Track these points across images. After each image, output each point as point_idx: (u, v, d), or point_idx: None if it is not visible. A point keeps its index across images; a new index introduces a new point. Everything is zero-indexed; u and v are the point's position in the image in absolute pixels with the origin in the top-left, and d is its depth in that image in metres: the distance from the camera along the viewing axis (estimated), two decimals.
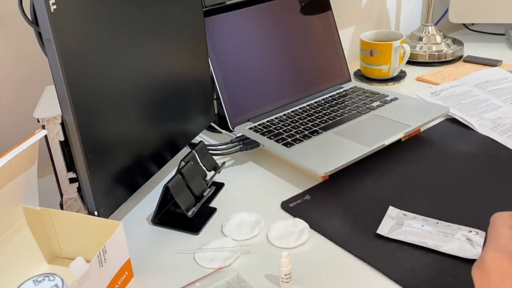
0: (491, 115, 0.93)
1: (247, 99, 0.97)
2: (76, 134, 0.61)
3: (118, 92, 0.68)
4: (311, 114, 0.97)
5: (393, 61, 1.17)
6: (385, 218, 0.70)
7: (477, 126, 0.90)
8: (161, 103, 0.77)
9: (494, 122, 0.90)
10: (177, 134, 0.83)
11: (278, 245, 0.68)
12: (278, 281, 0.62)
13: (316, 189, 0.79)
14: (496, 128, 0.89)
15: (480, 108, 0.96)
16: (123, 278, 0.62)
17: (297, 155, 0.83)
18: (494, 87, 1.02)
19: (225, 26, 0.95)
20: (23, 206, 0.64)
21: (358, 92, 1.06)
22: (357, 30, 1.41)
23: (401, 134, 0.87)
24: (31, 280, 0.48)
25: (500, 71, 1.09)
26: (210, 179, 0.80)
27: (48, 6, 0.54)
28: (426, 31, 1.34)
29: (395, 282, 0.60)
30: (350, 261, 0.65)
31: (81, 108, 0.61)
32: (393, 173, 0.82)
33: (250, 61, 0.98)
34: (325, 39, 1.09)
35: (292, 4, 1.04)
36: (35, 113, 0.68)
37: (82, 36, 0.60)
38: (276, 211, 0.75)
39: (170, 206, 0.77)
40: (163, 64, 0.77)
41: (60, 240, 0.67)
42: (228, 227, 0.71)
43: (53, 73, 0.58)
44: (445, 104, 1.00)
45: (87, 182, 0.64)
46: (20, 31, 0.86)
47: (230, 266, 0.65)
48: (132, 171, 0.73)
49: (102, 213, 0.66)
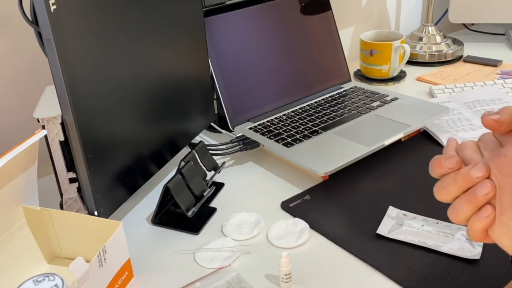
0: (467, 134, 0.90)
1: (247, 99, 0.97)
2: (76, 134, 0.61)
3: (118, 92, 0.68)
4: (311, 114, 0.97)
5: (393, 61, 1.17)
6: (385, 218, 0.70)
7: (446, 143, 0.88)
8: (161, 103, 0.77)
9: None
10: (177, 134, 0.83)
11: (278, 245, 0.68)
12: (278, 281, 0.62)
13: (316, 189, 0.79)
14: None
15: (458, 126, 0.93)
16: (123, 278, 0.62)
17: (297, 155, 0.83)
18: (483, 107, 1.00)
19: (225, 26, 0.95)
20: (23, 206, 0.64)
21: (358, 92, 1.06)
22: (357, 30, 1.41)
23: (401, 134, 0.87)
24: (31, 280, 0.48)
25: (497, 91, 1.07)
26: (210, 179, 0.80)
27: (48, 6, 0.54)
28: (426, 31, 1.34)
29: (395, 282, 0.60)
30: (350, 261, 0.65)
31: (81, 108, 0.61)
32: (393, 173, 0.82)
33: (250, 61, 0.98)
34: (325, 39, 1.09)
35: (292, 4, 1.04)
36: (35, 113, 0.68)
37: (82, 36, 0.60)
38: (276, 211, 0.75)
39: (170, 206, 0.77)
40: (163, 64, 0.77)
41: (60, 240, 0.67)
42: (228, 227, 0.71)
43: (53, 73, 0.58)
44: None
45: (87, 182, 0.64)
46: (20, 31, 0.86)
47: (230, 266, 0.65)
48: (132, 171, 0.73)
49: (102, 213, 0.66)
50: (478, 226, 0.43)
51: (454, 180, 0.44)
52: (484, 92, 1.07)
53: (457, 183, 0.44)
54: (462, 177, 0.44)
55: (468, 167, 0.44)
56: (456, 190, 0.45)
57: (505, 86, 1.10)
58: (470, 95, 1.06)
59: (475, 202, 0.43)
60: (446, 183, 0.45)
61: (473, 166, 0.44)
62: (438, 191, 0.46)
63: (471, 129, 0.93)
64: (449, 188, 0.45)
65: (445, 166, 0.45)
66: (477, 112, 0.98)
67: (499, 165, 0.43)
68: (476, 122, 0.95)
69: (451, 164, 0.45)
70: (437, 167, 0.46)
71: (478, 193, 0.43)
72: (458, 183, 0.44)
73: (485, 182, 0.43)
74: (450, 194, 0.45)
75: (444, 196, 0.46)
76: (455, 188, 0.44)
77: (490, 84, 1.12)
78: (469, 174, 0.43)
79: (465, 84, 1.13)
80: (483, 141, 0.47)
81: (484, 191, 0.43)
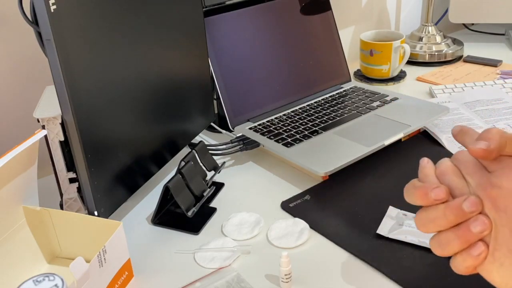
0: None
1: (247, 99, 0.97)
2: (76, 134, 0.61)
3: (118, 92, 0.68)
4: (311, 114, 0.97)
5: (393, 61, 1.17)
6: (385, 218, 0.70)
7: (446, 143, 0.89)
8: (161, 103, 0.77)
9: None
10: (177, 134, 0.83)
11: (278, 245, 0.68)
12: (278, 281, 0.62)
13: (316, 189, 0.79)
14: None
15: None
16: (123, 278, 0.62)
17: (297, 155, 0.83)
18: (483, 107, 1.00)
19: (225, 26, 0.95)
20: (23, 206, 0.64)
21: (358, 92, 1.06)
22: (357, 30, 1.41)
23: (401, 134, 0.87)
24: (31, 280, 0.48)
25: (497, 91, 1.07)
26: (210, 179, 0.80)
27: (48, 6, 0.54)
28: (426, 31, 1.34)
29: (395, 282, 0.60)
30: (350, 261, 0.65)
31: (81, 108, 0.61)
32: (393, 173, 0.82)
33: (250, 61, 0.98)
34: (325, 39, 1.09)
35: (292, 4, 1.04)
36: (35, 113, 0.68)
37: (82, 36, 0.60)
38: (276, 211, 0.75)
39: (170, 206, 0.77)
40: (163, 64, 0.77)
41: (60, 240, 0.67)
42: (228, 227, 0.71)
43: (53, 73, 0.58)
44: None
45: (87, 182, 0.64)
46: (20, 31, 0.86)
47: (230, 266, 0.65)
48: (132, 171, 0.73)
49: (102, 213, 0.66)
50: (469, 263, 0.41)
51: (444, 214, 0.41)
52: (484, 92, 1.07)
53: (447, 217, 0.41)
54: (454, 212, 0.41)
55: (459, 200, 0.41)
56: (445, 225, 0.41)
57: (505, 86, 1.10)
58: (470, 95, 1.06)
59: (468, 239, 0.40)
60: (435, 217, 0.42)
61: (465, 200, 0.40)
62: (424, 224, 0.43)
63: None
64: (438, 222, 0.42)
65: (433, 197, 0.42)
66: (477, 112, 0.98)
67: (493, 198, 0.40)
68: (476, 122, 0.95)
69: (439, 196, 0.42)
70: (420, 197, 0.43)
71: (473, 230, 0.40)
72: (449, 218, 0.41)
73: (481, 218, 0.40)
74: (438, 228, 0.42)
75: (431, 229, 0.43)
76: (444, 222, 0.41)
77: (490, 84, 1.12)
78: (462, 209, 0.40)
79: (465, 84, 1.13)
80: (462, 163, 0.43)
81: (480, 228, 0.40)
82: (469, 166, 0.43)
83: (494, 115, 0.97)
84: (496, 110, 0.98)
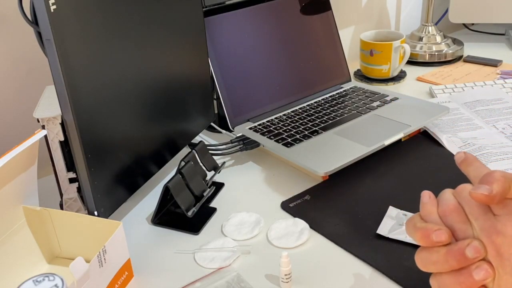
0: (466, 134, 0.90)
1: (247, 99, 0.97)
2: (76, 134, 0.61)
3: (118, 92, 0.68)
4: (311, 114, 0.97)
5: (393, 61, 1.17)
6: (385, 218, 0.70)
7: (446, 143, 0.89)
8: (161, 103, 0.77)
9: (464, 141, 0.88)
10: (177, 134, 0.83)
11: (278, 245, 0.68)
12: (278, 281, 0.62)
13: (316, 189, 0.79)
14: (465, 147, 0.87)
15: (458, 126, 0.93)
16: (123, 278, 0.62)
17: (297, 155, 0.83)
18: (483, 107, 1.00)
19: (225, 26, 0.95)
20: (23, 206, 0.64)
21: (358, 92, 1.06)
22: (357, 30, 1.41)
23: (401, 134, 0.87)
24: (31, 280, 0.48)
25: (497, 91, 1.07)
26: (210, 179, 0.80)
27: (48, 6, 0.54)
28: (426, 31, 1.34)
29: (395, 282, 0.60)
30: (350, 261, 0.65)
31: (81, 108, 0.61)
32: (393, 173, 0.82)
33: (250, 61, 0.98)
34: (325, 39, 1.09)
35: (292, 4, 1.04)
36: (35, 113, 0.68)
37: (82, 36, 0.60)
38: (276, 211, 0.75)
39: (170, 206, 0.77)
40: (163, 64, 0.77)
41: (60, 240, 0.67)
42: (228, 227, 0.71)
43: (53, 73, 0.58)
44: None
45: (87, 182, 0.64)
46: (20, 31, 0.86)
47: (230, 266, 0.65)
48: (132, 171, 0.73)
49: (102, 213, 0.66)
50: None
51: (446, 259, 0.41)
52: (484, 92, 1.07)
53: (448, 262, 0.40)
54: (457, 258, 0.40)
55: (462, 246, 0.40)
56: (447, 268, 0.41)
57: (505, 86, 1.10)
58: (470, 95, 1.06)
59: (469, 285, 0.40)
60: (436, 260, 0.41)
61: (469, 245, 0.40)
62: (425, 265, 0.42)
63: (471, 129, 0.93)
64: (439, 265, 0.41)
65: (434, 240, 0.41)
66: (477, 112, 0.98)
67: (498, 246, 0.39)
68: (476, 122, 0.95)
69: (440, 238, 0.41)
70: (422, 238, 0.42)
71: (476, 278, 0.39)
72: (450, 263, 0.40)
73: (485, 266, 0.39)
74: (438, 270, 0.41)
75: (432, 270, 0.42)
76: (446, 266, 0.41)
77: (490, 84, 1.11)
78: (464, 255, 0.40)
79: (465, 84, 1.13)
80: (467, 203, 0.42)
81: (483, 276, 0.39)
82: (473, 207, 0.41)
83: (494, 115, 0.97)
84: (496, 110, 0.98)
